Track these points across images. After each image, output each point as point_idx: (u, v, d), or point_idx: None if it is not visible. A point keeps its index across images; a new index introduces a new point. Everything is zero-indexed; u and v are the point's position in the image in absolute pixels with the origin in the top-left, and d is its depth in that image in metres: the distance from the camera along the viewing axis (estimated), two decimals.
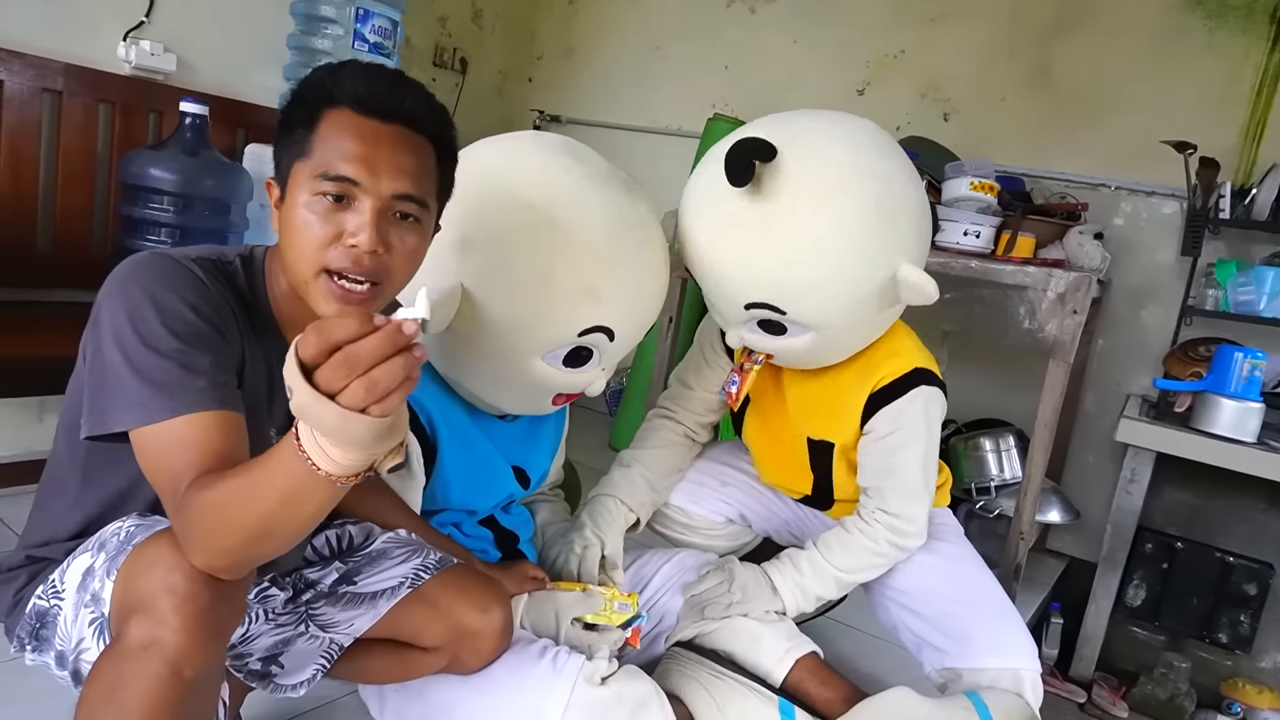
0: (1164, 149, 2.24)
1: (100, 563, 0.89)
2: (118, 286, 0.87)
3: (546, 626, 1.28)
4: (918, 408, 1.38)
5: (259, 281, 1.00)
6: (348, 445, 0.67)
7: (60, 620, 0.91)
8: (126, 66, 1.97)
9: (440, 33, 3.30)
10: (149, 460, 0.84)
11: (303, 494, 0.72)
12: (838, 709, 1.32)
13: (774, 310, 1.28)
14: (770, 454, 1.59)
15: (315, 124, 0.91)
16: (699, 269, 1.34)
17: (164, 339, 0.84)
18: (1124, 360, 2.56)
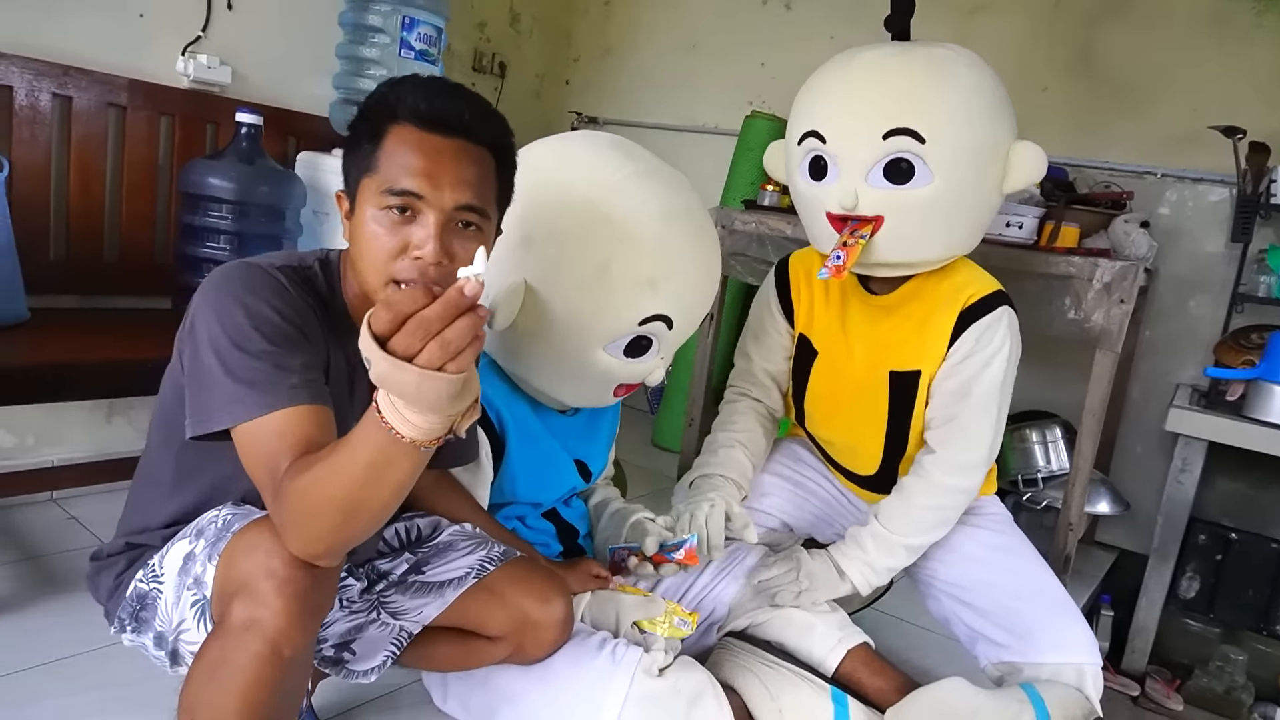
0: (1211, 135, 2.21)
1: (200, 548, 0.94)
2: (210, 295, 0.93)
3: (607, 625, 1.32)
4: (1004, 326, 1.39)
5: (336, 285, 1.06)
6: (428, 407, 0.71)
7: (160, 602, 0.97)
8: (185, 80, 2.04)
9: (479, 38, 3.36)
10: (249, 455, 0.89)
11: (388, 464, 0.76)
12: (890, 698, 1.34)
13: (915, 137, 1.29)
14: (842, 411, 1.56)
15: (380, 140, 0.95)
16: (834, 110, 1.37)
17: (255, 341, 0.90)
18: (1172, 349, 2.53)
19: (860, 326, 1.49)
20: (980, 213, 1.41)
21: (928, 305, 1.43)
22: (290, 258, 1.03)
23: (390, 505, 0.81)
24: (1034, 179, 1.37)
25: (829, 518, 1.69)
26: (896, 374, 1.46)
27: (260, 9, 2.16)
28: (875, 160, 1.32)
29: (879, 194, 1.33)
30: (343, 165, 1.01)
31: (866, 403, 1.50)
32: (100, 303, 1.98)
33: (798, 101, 1.45)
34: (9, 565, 1.65)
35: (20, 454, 1.93)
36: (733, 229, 2.43)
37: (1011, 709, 1.26)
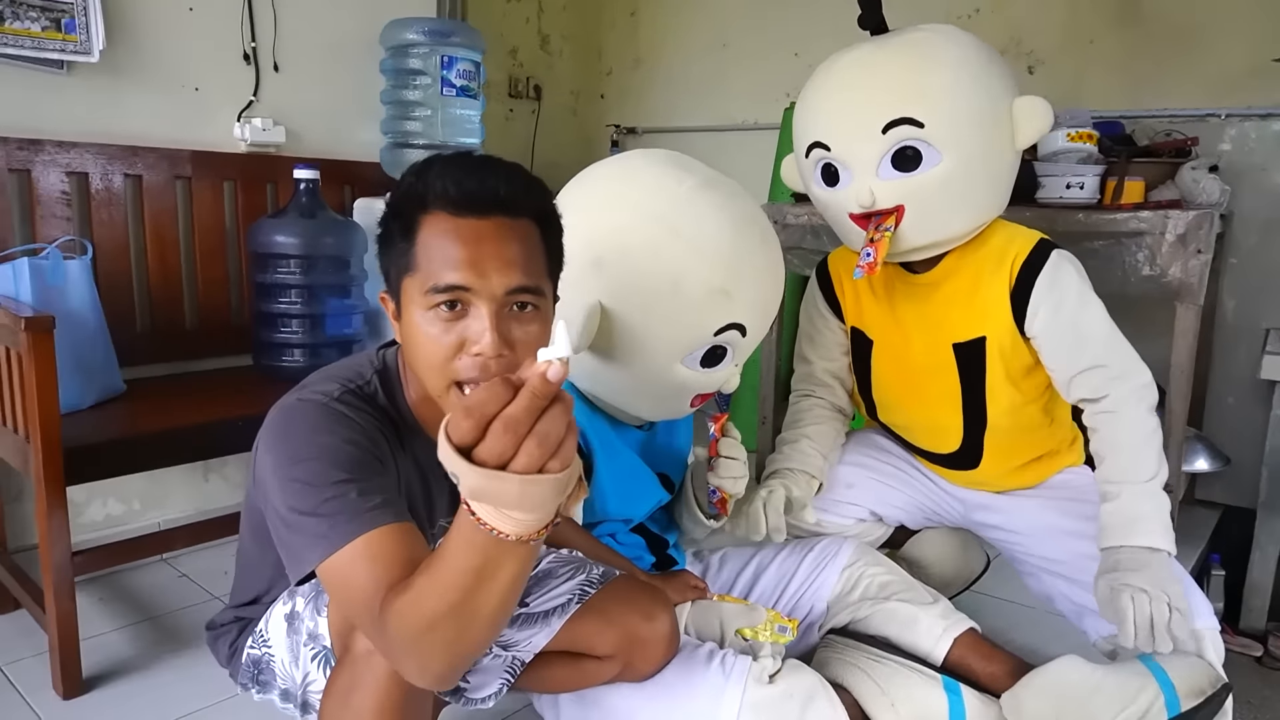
0: (1273, 67, 2.13)
1: (302, 605, 0.98)
2: (275, 440, 0.90)
3: (711, 634, 1.33)
4: (1068, 269, 1.38)
5: (397, 391, 1.01)
6: (535, 510, 0.65)
7: (275, 663, 1.01)
8: (243, 144, 2.13)
9: (513, 64, 3.41)
10: (340, 589, 0.84)
11: (494, 565, 0.70)
12: (1004, 683, 1.31)
13: (913, 124, 1.31)
14: (912, 395, 1.54)
15: (414, 234, 0.89)
16: (830, 118, 1.40)
17: (329, 475, 0.85)
18: (1258, 294, 2.43)
19: (910, 308, 1.49)
20: (999, 176, 1.41)
21: (974, 272, 1.42)
22: (345, 376, 0.98)
23: (506, 608, 0.75)
24: (1043, 129, 1.37)
25: (917, 502, 1.67)
26: (960, 345, 1.45)
27: (305, 68, 2.24)
28: (881, 155, 1.34)
29: (893, 185, 1.35)
30: (380, 263, 0.96)
31: (936, 381, 1.49)
32: (186, 367, 2.07)
33: (796, 117, 1.48)
34: (131, 627, 1.74)
35: (129, 519, 2.02)
36: (785, 223, 2.42)
37: (1133, 684, 1.23)
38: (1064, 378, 1.39)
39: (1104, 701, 1.22)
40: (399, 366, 1.01)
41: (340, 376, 0.97)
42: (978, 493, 1.60)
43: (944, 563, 1.75)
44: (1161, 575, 1.23)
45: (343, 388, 0.95)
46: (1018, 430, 1.51)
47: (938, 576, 1.74)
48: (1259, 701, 1.91)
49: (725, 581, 1.52)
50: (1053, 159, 2.15)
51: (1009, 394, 1.45)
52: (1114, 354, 1.37)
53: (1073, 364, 1.38)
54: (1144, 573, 1.22)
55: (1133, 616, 1.19)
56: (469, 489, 0.64)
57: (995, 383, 1.45)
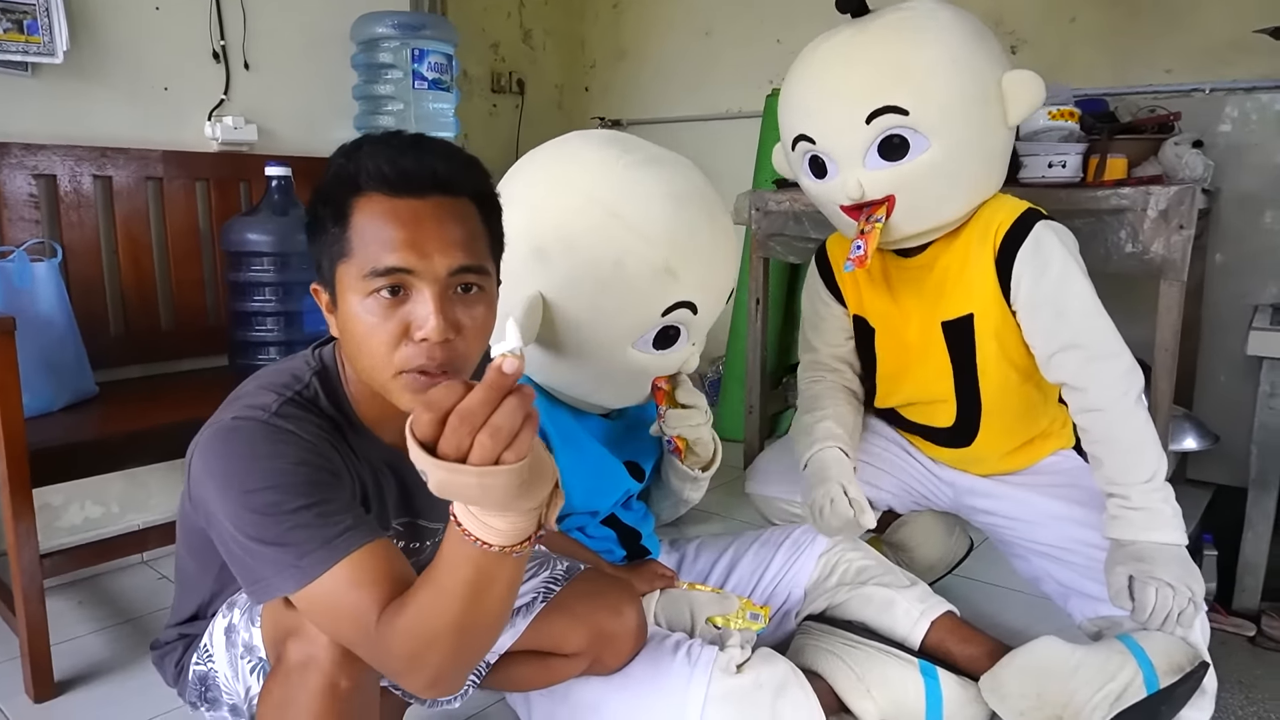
0: (1260, 40, 2.09)
1: (238, 617, 0.96)
2: (218, 467, 0.84)
3: (681, 623, 1.31)
4: (1051, 239, 1.35)
5: (339, 390, 0.95)
6: (500, 506, 0.67)
7: (219, 678, 0.99)
8: (214, 144, 2.11)
9: (494, 59, 3.39)
10: (323, 616, 0.82)
11: (486, 577, 0.73)
12: (982, 665, 1.29)
13: (898, 112, 1.28)
14: (908, 374, 1.53)
15: (347, 218, 0.85)
16: (812, 110, 1.37)
17: (286, 503, 0.81)
18: (1246, 271, 2.41)
19: (908, 291, 1.47)
20: (992, 156, 1.38)
21: (961, 250, 1.40)
22: (281, 383, 0.91)
23: (503, 614, 0.78)
24: (1035, 103, 1.34)
25: (907, 486, 1.65)
26: (948, 324, 1.43)
27: (277, 65, 2.22)
28: (867, 145, 1.32)
29: (882, 175, 1.33)
30: (311, 252, 0.91)
31: (929, 359, 1.47)
32: (163, 369, 2.05)
33: (780, 109, 1.45)
34: (111, 629, 1.72)
35: (108, 522, 2.01)
36: (767, 210, 2.40)
37: (1113, 662, 1.21)
38: (1043, 355, 1.37)
39: (1083, 679, 1.20)
40: (337, 363, 0.96)
41: (276, 384, 0.91)
42: (968, 476, 1.58)
43: (928, 546, 1.74)
44: (1184, 570, 1.23)
45: (279, 397, 0.89)
46: (1012, 408, 1.48)
47: (922, 560, 1.73)
48: (1250, 681, 1.88)
49: (701, 570, 1.50)
50: (1034, 138, 2.13)
51: (1002, 370, 1.43)
52: (1093, 334, 1.33)
53: (1051, 339, 1.34)
54: (1169, 567, 1.22)
55: (1152, 607, 1.20)
56: (434, 483, 0.65)
57: (986, 360, 1.43)
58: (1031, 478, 1.54)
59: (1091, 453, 1.34)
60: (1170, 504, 1.28)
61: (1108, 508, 1.30)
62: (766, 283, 2.51)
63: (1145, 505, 1.27)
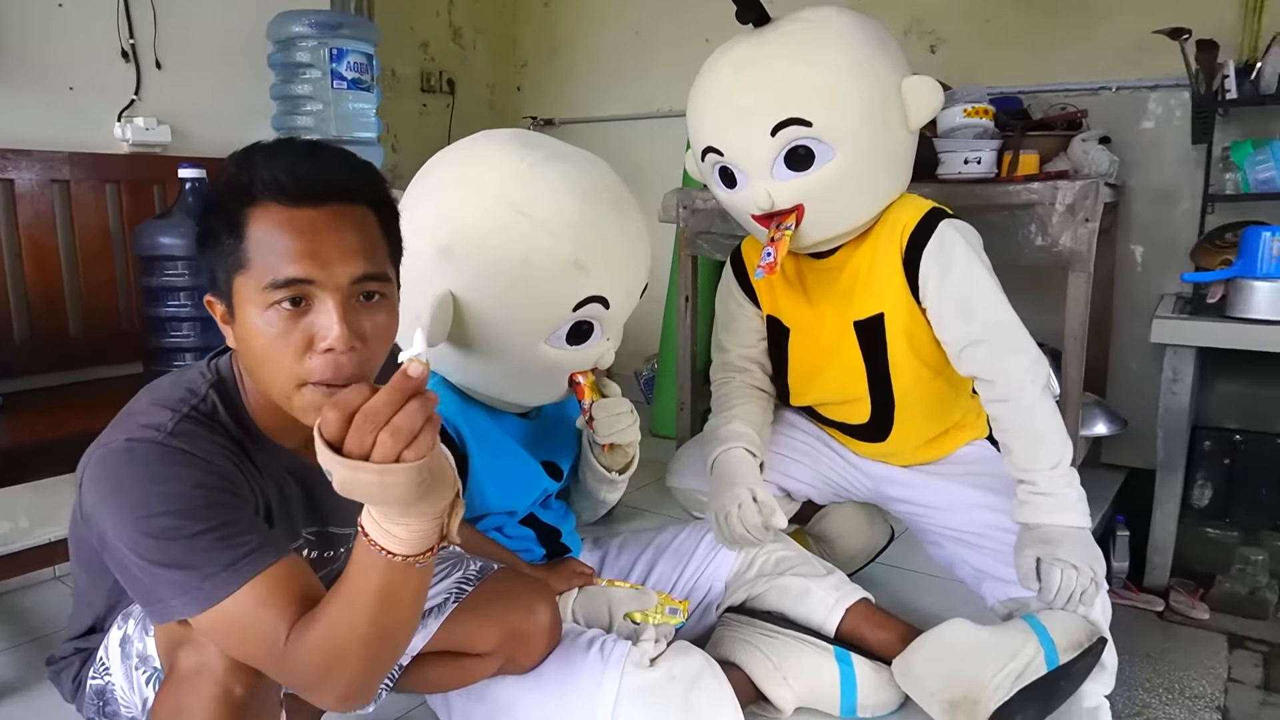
0: (1161, 40, 2.18)
1: (132, 628, 0.94)
2: (111, 492, 0.81)
3: (599, 620, 1.32)
4: (955, 238, 1.37)
5: (237, 403, 0.93)
6: (400, 505, 0.70)
7: (116, 691, 0.97)
8: (125, 145, 2.05)
9: (424, 58, 3.36)
10: (228, 637, 0.81)
11: (392, 589, 0.75)
12: (895, 649, 1.32)
13: (801, 124, 1.29)
14: (822, 374, 1.55)
15: (242, 229, 0.83)
16: (717, 124, 1.38)
17: (186, 528, 0.80)
18: (1153, 262, 2.50)
19: (821, 292, 1.50)
20: (896, 160, 1.41)
21: (871, 250, 1.43)
22: (176, 398, 0.88)
23: (412, 624, 0.81)
24: (934, 108, 1.36)
25: (826, 478, 1.68)
26: (860, 323, 1.46)
27: (190, 64, 2.17)
28: (773, 156, 1.33)
29: (790, 185, 1.35)
30: (203, 263, 0.88)
31: (842, 359, 1.50)
32: (74, 377, 1.99)
33: (688, 118, 1.46)
34: (21, 646, 1.67)
35: (17, 536, 1.94)
36: (695, 208, 2.42)
37: (1016, 641, 1.25)
38: (954, 349, 1.40)
39: (988, 659, 1.24)
40: (235, 375, 0.93)
41: (171, 400, 0.88)
42: (887, 467, 1.61)
43: (850, 537, 1.77)
44: (1087, 551, 1.27)
45: (175, 414, 0.86)
46: (925, 402, 1.52)
47: (844, 550, 1.76)
48: (1159, 654, 1.97)
49: (624, 567, 1.51)
50: (951, 135, 2.19)
51: (913, 367, 1.46)
52: (1001, 328, 1.37)
53: (960, 335, 1.38)
54: (1072, 548, 1.26)
55: (1057, 587, 1.24)
56: (338, 481, 0.68)
57: (898, 358, 1.46)
58: (947, 467, 1.58)
59: (1002, 441, 1.39)
60: (1075, 488, 1.33)
61: (1017, 493, 1.35)
62: (695, 280, 2.53)
63: (1051, 490, 1.31)
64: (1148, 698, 1.80)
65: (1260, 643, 2.02)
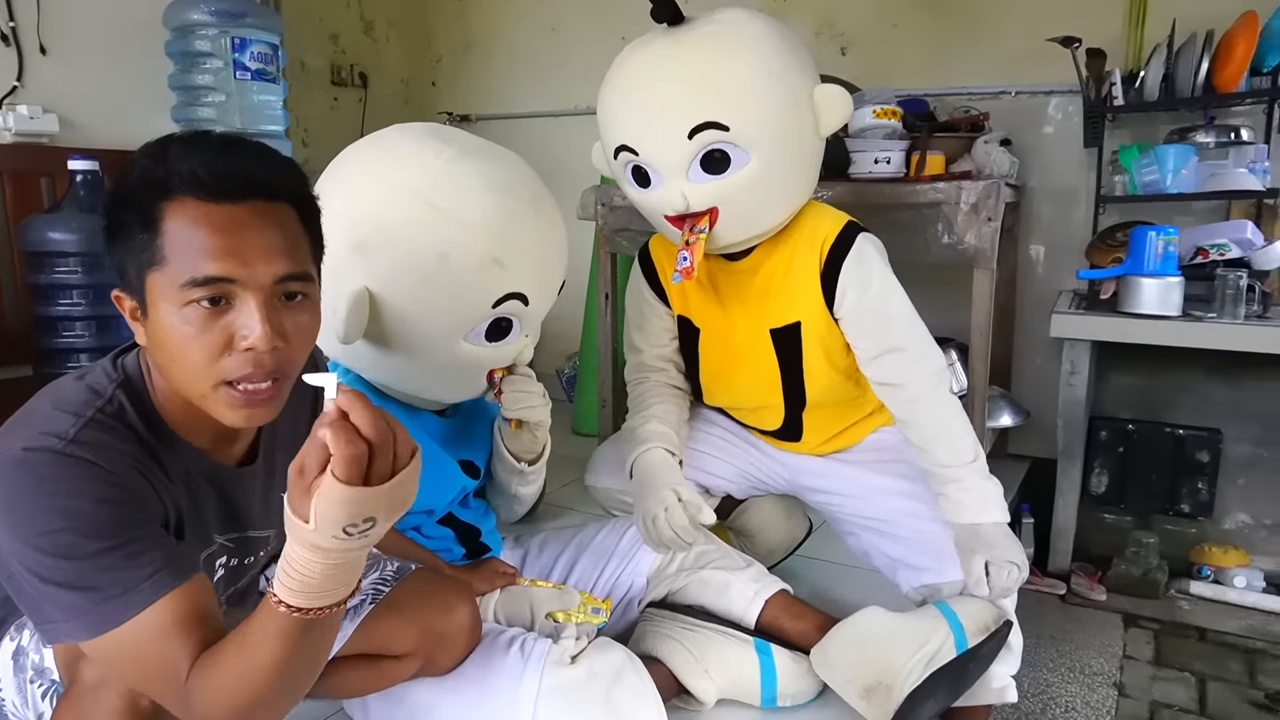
0: (1054, 47, 2.28)
1: (27, 639, 0.89)
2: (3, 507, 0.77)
3: (521, 620, 1.30)
4: (872, 252, 1.41)
5: (146, 403, 0.88)
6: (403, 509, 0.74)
7: (7, 706, 0.91)
8: (7, 134, 1.94)
9: (334, 51, 3.27)
10: (125, 665, 0.78)
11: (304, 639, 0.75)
12: (814, 638, 1.35)
13: (718, 128, 1.29)
14: (736, 378, 1.56)
15: (157, 224, 0.80)
16: (631, 122, 1.36)
17: (84, 546, 0.76)
18: (1052, 260, 2.62)
19: (733, 294, 1.51)
20: (806, 164, 1.43)
21: (786, 258, 1.45)
22: (79, 400, 0.83)
23: (320, 665, 0.82)
24: (844, 116, 1.38)
25: (744, 472, 1.69)
26: (776, 330, 1.48)
27: (78, 50, 2.06)
28: (689, 159, 1.33)
29: (705, 188, 1.34)
30: (111, 258, 0.84)
31: (756, 365, 1.51)
32: None
33: (600, 114, 1.44)
34: None
35: None
36: (613, 206, 2.42)
37: (927, 626, 1.29)
38: (867, 356, 1.44)
39: (900, 645, 1.27)
40: (142, 373, 0.89)
41: (74, 404, 0.82)
42: (802, 457, 1.64)
43: (769, 530, 1.79)
44: (1015, 546, 1.34)
45: (77, 419, 0.81)
46: (835, 404, 1.56)
47: (764, 544, 1.78)
48: (1061, 635, 2.06)
49: (545, 565, 1.50)
50: (862, 135, 2.24)
51: (827, 374, 1.49)
52: (913, 337, 1.42)
53: (876, 344, 1.42)
54: (1011, 547, 1.33)
55: (1003, 585, 1.31)
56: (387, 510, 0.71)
57: (813, 364, 1.48)
58: (859, 455, 1.62)
59: (916, 443, 1.43)
60: (993, 481, 1.40)
61: (944, 492, 1.39)
62: (614, 277, 2.53)
63: (976, 487, 1.37)
64: (1051, 677, 1.88)
65: (1152, 620, 2.14)
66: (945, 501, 1.39)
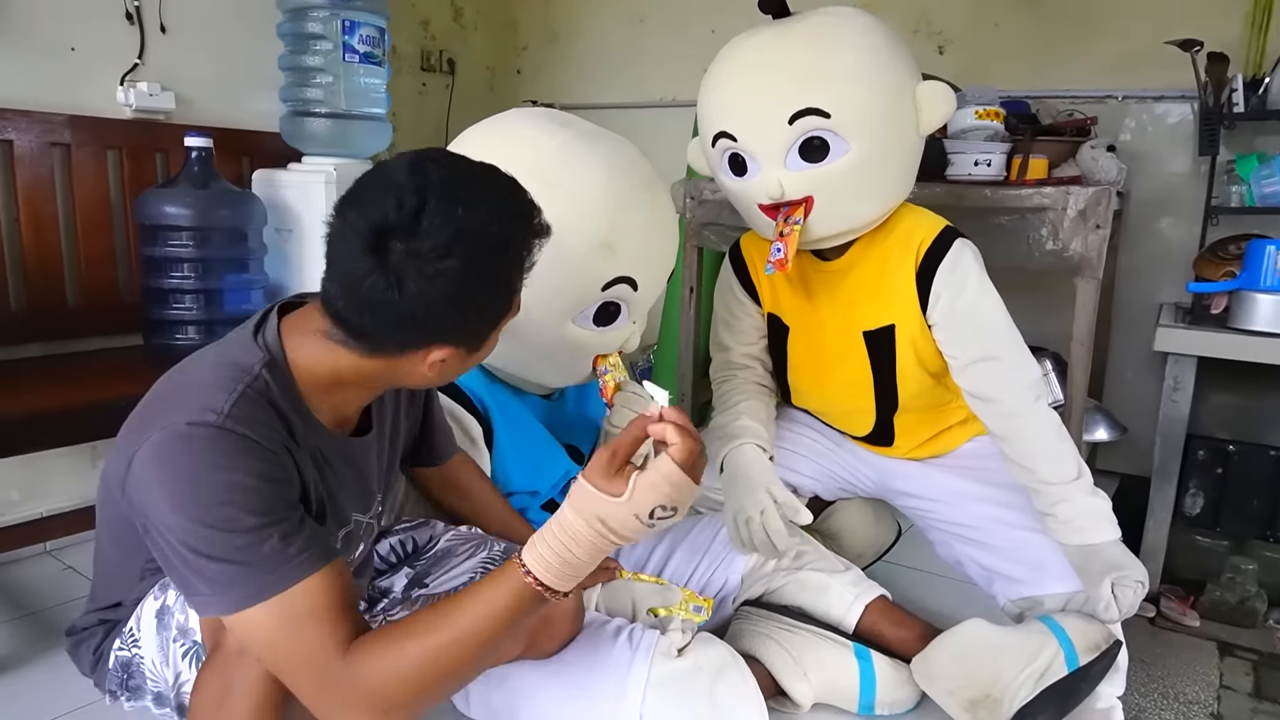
0: (1169, 51, 2.20)
1: (173, 599, 0.91)
2: (167, 475, 0.79)
3: (623, 614, 1.31)
4: (969, 257, 1.39)
5: (290, 384, 0.89)
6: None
7: (145, 664, 0.94)
8: (128, 110, 1.99)
9: (424, 37, 3.30)
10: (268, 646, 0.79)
11: (522, 617, 0.81)
12: (914, 647, 1.33)
13: (820, 114, 1.28)
14: (826, 379, 1.54)
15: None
16: (733, 109, 1.36)
17: (242, 520, 0.78)
18: (1152, 271, 2.53)
19: (823, 294, 1.49)
20: (905, 161, 1.42)
21: (880, 260, 1.43)
22: (230, 376, 0.84)
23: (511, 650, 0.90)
24: (946, 114, 1.37)
25: (831, 473, 1.68)
26: (870, 333, 1.46)
27: (196, 30, 2.11)
28: (788, 145, 1.32)
29: (802, 176, 1.34)
30: (442, 320, 0.84)
31: (848, 367, 1.49)
32: (69, 347, 1.93)
33: (700, 104, 1.45)
34: (9, 623, 1.62)
35: (7, 510, 1.89)
36: (702, 199, 2.40)
37: (1034, 642, 1.26)
38: (961, 364, 1.41)
39: (1009, 659, 1.25)
40: (285, 356, 0.89)
41: (226, 380, 0.84)
42: (892, 460, 1.62)
43: (857, 533, 1.77)
44: (1136, 563, 1.32)
45: (229, 395, 0.82)
46: (926, 409, 1.53)
47: (851, 548, 1.76)
48: (1151, 659, 1.99)
49: (639, 558, 1.50)
50: (961, 136, 2.19)
51: (919, 378, 1.46)
52: (1008, 347, 1.39)
53: (968, 351, 1.39)
54: (1133, 565, 1.31)
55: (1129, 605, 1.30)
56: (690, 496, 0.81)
57: (905, 368, 1.46)
58: (953, 461, 1.59)
59: (1016, 459, 1.38)
60: (1100, 495, 1.35)
61: (1053, 512, 1.34)
62: (700, 271, 2.52)
63: (1085, 505, 1.33)
64: (1144, 702, 1.82)
65: (1250, 651, 2.05)
66: (1054, 522, 1.34)
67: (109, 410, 1.54)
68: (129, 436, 0.84)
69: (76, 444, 1.93)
